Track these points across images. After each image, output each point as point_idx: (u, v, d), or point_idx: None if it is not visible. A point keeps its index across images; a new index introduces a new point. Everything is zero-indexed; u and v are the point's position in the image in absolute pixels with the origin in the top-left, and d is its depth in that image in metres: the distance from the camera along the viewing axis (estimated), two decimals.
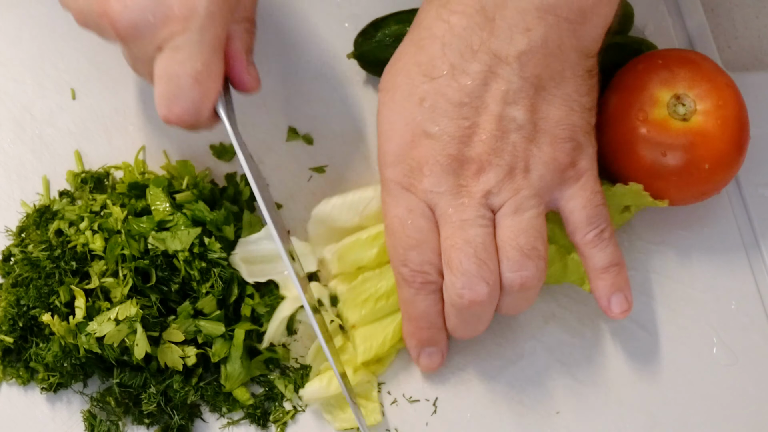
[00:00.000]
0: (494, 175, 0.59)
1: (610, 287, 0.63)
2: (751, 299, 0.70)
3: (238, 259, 0.64)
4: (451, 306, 0.61)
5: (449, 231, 0.60)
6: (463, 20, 0.59)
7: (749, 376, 0.68)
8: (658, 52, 0.68)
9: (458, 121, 0.59)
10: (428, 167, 0.59)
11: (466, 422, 0.66)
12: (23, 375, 0.64)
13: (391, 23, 0.70)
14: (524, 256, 0.59)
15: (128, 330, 0.61)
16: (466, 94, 0.59)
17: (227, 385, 0.63)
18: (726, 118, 0.64)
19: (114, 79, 0.74)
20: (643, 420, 0.66)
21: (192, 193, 0.65)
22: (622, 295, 0.63)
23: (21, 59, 0.74)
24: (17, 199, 0.70)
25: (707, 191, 0.67)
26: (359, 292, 0.64)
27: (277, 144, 0.72)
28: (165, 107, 0.59)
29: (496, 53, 0.59)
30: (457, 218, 0.59)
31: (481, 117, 0.59)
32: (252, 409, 0.64)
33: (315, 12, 0.76)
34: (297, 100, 0.73)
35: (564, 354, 0.68)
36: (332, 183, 0.71)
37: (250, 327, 0.64)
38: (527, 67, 0.59)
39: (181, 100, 0.58)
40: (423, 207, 0.60)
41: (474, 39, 0.59)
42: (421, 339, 0.63)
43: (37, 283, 0.63)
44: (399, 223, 0.61)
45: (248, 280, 0.64)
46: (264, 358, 0.65)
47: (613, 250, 0.62)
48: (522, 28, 0.58)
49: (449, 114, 0.59)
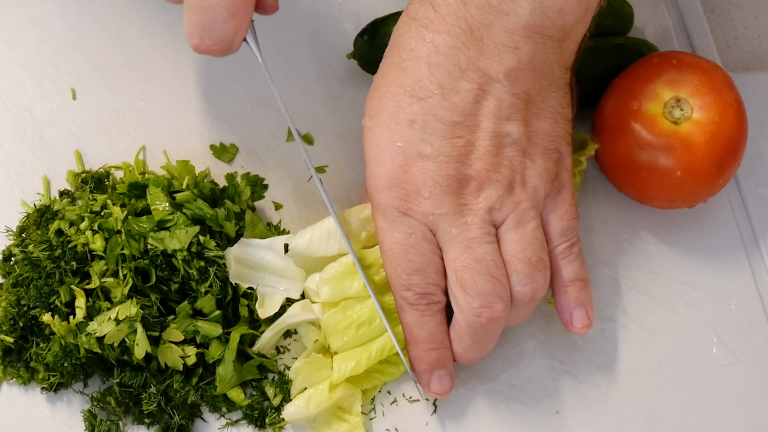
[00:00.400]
0: (495, 191, 0.59)
1: (573, 301, 0.63)
2: (751, 299, 0.70)
3: (231, 256, 0.64)
4: (467, 327, 0.60)
5: (456, 252, 0.59)
6: (448, 40, 0.58)
7: (749, 376, 0.68)
8: (677, 54, 0.68)
9: (453, 141, 0.59)
10: (427, 189, 0.59)
11: (466, 422, 0.66)
12: (24, 375, 0.64)
13: (391, 23, 0.70)
14: (533, 268, 0.60)
15: (128, 330, 0.61)
16: (459, 113, 0.59)
17: (219, 387, 0.63)
18: (716, 136, 0.64)
19: (114, 79, 0.74)
20: (643, 420, 0.66)
21: (192, 192, 0.65)
22: (584, 310, 0.63)
23: (21, 59, 0.74)
24: (17, 199, 0.70)
25: (675, 199, 0.67)
26: (341, 318, 0.63)
27: (277, 144, 0.72)
28: (198, 38, 0.58)
29: (485, 71, 0.58)
30: (463, 238, 0.59)
31: (475, 134, 0.59)
32: (249, 410, 0.64)
33: (315, 12, 0.76)
34: (297, 100, 0.73)
35: (564, 354, 0.68)
36: (332, 183, 0.71)
37: (247, 331, 0.64)
38: (517, 83, 0.59)
39: (215, 32, 0.58)
40: (423, 230, 0.60)
41: (461, 58, 0.58)
42: (430, 362, 0.63)
43: (38, 283, 0.63)
44: (400, 248, 0.60)
45: (231, 280, 0.64)
46: (257, 363, 0.65)
47: (580, 264, 0.63)
48: (510, 46, 0.58)
49: (442, 134, 0.59)
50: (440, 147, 0.59)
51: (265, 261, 0.65)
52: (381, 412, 0.66)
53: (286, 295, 0.65)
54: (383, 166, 0.60)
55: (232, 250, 0.64)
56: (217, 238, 0.64)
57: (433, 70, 0.59)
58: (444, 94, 0.59)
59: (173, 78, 0.74)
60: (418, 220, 0.60)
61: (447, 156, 0.59)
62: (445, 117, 0.59)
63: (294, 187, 0.71)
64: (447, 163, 0.59)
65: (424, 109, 0.59)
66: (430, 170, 0.59)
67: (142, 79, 0.74)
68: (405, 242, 0.60)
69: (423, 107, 0.59)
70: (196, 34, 0.58)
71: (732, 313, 0.69)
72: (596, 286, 0.69)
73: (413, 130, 0.59)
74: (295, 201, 0.71)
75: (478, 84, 0.59)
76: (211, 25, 0.58)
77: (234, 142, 0.72)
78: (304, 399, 0.63)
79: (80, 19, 0.75)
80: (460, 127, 0.59)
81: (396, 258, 0.61)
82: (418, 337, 0.62)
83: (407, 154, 0.59)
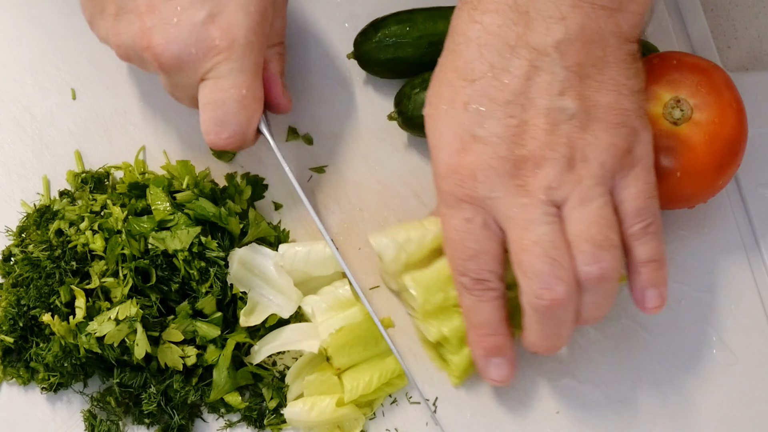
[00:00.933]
0: (552, 170, 0.57)
1: (647, 281, 0.61)
2: (751, 299, 0.70)
3: (237, 257, 0.64)
4: (532, 312, 0.59)
5: (516, 234, 0.58)
6: (496, 18, 0.58)
7: (749, 376, 0.68)
8: (677, 54, 0.68)
9: (505, 121, 0.57)
10: (481, 173, 0.58)
11: (466, 422, 0.66)
12: (23, 375, 0.64)
13: (391, 23, 0.70)
14: (598, 248, 0.57)
15: (128, 330, 0.61)
16: (510, 92, 0.57)
17: (213, 393, 0.63)
18: (716, 136, 0.64)
19: (114, 79, 0.74)
20: (643, 420, 0.66)
21: (193, 192, 0.65)
22: (657, 291, 0.61)
23: (21, 59, 0.74)
24: (17, 199, 0.70)
25: (675, 199, 0.67)
26: (346, 337, 0.63)
27: (278, 144, 0.72)
28: (214, 133, 0.62)
29: (535, 46, 0.57)
30: (521, 219, 0.58)
31: (529, 113, 0.57)
32: (248, 411, 0.64)
33: (315, 12, 0.76)
34: (297, 100, 0.73)
35: (564, 354, 0.68)
36: (332, 183, 0.71)
37: (244, 339, 0.64)
38: (567, 55, 0.57)
39: (230, 125, 0.61)
40: (483, 215, 0.59)
41: (510, 35, 0.57)
42: (486, 347, 0.62)
43: (38, 283, 0.63)
44: (458, 234, 0.60)
45: (228, 279, 0.64)
46: (252, 369, 0.64)
47: (657, 245, 0.60)
48: (557, 17, 0.57)
49: (495, 114, 0.58)
50: (493, 128, 0.57)
51: (268, 272, 0.65)
52: (381, 412, 0.66)
53: (276, 311, 0.64)
54: (442, 152, 0.60)
55: (240, 251, 0.64)
56: (219, 239, 0.64)
57: (483, 51, 0.58)
58: (495, 74, 0.58)
59: None
60: (476, 205, 0.59)
61: (499, 137, 0.57)
62: (497, 97, 0.58)
63: (294, 187, 0.71)
64: (500, 145, 0.57)
65: (476, 91, 0.58)
66: (483, 153, 0.58)
67: (142, 79, 0.74)
68: (462, 228, 0.59)
69: (475, 89, 0.58)
70: (211, 129, 0.62)
71: (732, 313, 0.69)
72: None
73: (468, 114, 0.58)
74: (295, 201, 0.71)
75: (528, 60, 0.57)
76: (224, 119, 0.61)
77: None
78: (309, 404, 0.63)
79: (80, 19, 0.74)
80: (513, 106, 0.57)
81: (454, 244, 0.60)
82: (474, 321, 0.61)
83: (463, 139, 0.58)
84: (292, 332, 0.65)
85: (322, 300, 0.65)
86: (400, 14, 0.71)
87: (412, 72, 0.71)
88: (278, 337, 0.65)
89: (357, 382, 0.63)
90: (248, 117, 0.62)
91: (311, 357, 0.65)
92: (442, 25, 0.69)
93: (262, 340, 0.65)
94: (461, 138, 0.59)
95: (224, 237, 0.65)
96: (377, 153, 0.73)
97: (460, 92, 0.59)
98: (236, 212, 0.66)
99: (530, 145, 0.57)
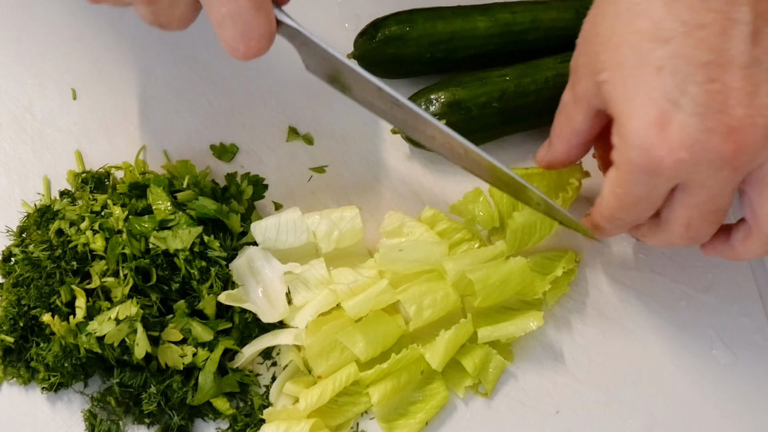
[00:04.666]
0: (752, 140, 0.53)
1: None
2: (751, 299, 0.70)
3: (247, 252, 0.64)
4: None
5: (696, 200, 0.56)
6: None
7: (749, 376, 0.68)
8: None
9: (708, 86, 0.53)
10: (686, 150, 0.53)
11: (467, 422, 0.66)
12: (24, 375, 0.64)
13: (391, 23, 0.70)
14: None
15: (128, 330, 0.61)
16: (708, 50, 0.53)
17: (197, 396, 0.63)
18: None
19: (114, 79, 0.74)
20: (643, 420, 0.66)
21: (193, 191, 0.65)
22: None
23: (21, 59, 0.74)
24: (18, 199, 0.70)
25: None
26: (324, 344, 0.64)
27: (277, 144, 0.73)
28: (243, 45, 0.58)
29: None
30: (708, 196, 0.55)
31: (729, 74, 0.53)
32: (232, 420, 0.64)
33: (315, 12, 0.76)
34: (297, 100, 0.74)
35: (564, 354, 0.68)
36: (332, 183, 0.71)
37: (231, 346, 0.64)
38: (762, 2, 0.53)
39: (254, 30, 0.58)
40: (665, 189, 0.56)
41: None
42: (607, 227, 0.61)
43: (38, 283, 0.63)
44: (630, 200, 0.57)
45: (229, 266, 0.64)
46: (238, 377, 0.64)
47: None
48: None
49: (696, 78, 0.53)
50: (696, 95, 0.53)
51: (267, 279, 0.65)
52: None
53: (256, 312, 0.64)
54: (636, 121, 0.54)
55: (252, 249, 0.65)
56: (221, 239, 0.64)
57: (671, 8, 0.54)
58: (688, 31, 0.53)
59: (173, 78, 0.74)
60: (666, 179, 0.55)
61: (705, 107, 0.53)
62: (695, 57, 0.53)
63: (294, 187, 0.71)
64: (706, 115, 0.53)
65: (670, 52, 0.53)
66: (689, 126, 0.53)
67: (142, 79, 0.74)
68: (634, 200, 0.57)
69: (669, 50, 0.53)
70: (239, 43, 0.58)
71: (732, 313, 0.70)
72: (597, 286, 0.69)
73: (662, 79, 0.54)
74: (295, 201, 0.71)
75: (722, 13, 0.53)
76: (245, 27, 0.57)
77: (234, 142, 0.72)
78: (283, 428, 0.62)
79: (80, 19, 0.75)
80: (713, 66, 0.53)
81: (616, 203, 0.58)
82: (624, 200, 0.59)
83: (660, 108, 0.54)
84: (274, 335, 0.65)
85: (299, 280, 0.65)
86: (400, 14, 0.71)
87: (413, 72, 0.71)
88: (261, 341, 0.65)
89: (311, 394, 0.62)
90: (267, 14, 0.58)
91: (294, 369, 0.65)
92: (441, 25, 0.70)
93: (246, 347, 0.65)
94: (658, 107, 0.54)
95: (226, 237, 0.65)
96: (377, 153, 0.73)
97: (650, 55, 0.54)
98: (239, 213, 0.66)
99: (736, 112, 0.53)
